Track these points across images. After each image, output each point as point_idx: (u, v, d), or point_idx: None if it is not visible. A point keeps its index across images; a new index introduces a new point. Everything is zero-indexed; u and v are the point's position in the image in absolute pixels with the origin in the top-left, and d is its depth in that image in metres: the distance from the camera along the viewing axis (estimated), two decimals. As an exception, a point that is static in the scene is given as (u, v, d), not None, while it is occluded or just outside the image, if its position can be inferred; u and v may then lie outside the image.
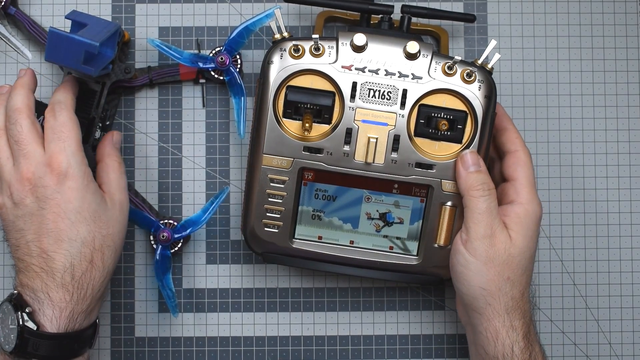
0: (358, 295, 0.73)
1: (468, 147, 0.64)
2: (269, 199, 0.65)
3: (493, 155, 0.68)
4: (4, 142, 0.63)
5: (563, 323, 0.73)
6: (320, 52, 0.64)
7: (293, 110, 0.64)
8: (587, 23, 0.74)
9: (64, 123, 0.62)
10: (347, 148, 0.64)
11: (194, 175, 0.73)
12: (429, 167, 0.64)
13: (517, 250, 0.62)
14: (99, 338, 0.72)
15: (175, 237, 0.70)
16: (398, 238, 0.66)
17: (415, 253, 0.66)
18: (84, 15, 0.67)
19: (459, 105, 0.64)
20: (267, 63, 0.64)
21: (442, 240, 0.65)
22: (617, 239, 0.73)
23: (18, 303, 0.60)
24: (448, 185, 0.64)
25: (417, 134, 0.64)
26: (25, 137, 0.62)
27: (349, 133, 0.64)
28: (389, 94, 0.64)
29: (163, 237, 0.69)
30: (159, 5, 0.73)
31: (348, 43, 0.64)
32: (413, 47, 0.63)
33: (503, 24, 0.73)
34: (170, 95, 0.73)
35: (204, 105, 0.73)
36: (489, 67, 0.65)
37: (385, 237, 0.67)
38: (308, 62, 0.64)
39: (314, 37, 0.63)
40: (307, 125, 0.62)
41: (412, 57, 0.63)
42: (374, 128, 0.64)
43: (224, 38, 0.73)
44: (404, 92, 0.64)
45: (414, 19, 0.70)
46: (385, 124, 0.64)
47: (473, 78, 0.64)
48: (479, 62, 0.65)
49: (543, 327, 0.73)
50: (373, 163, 0.64)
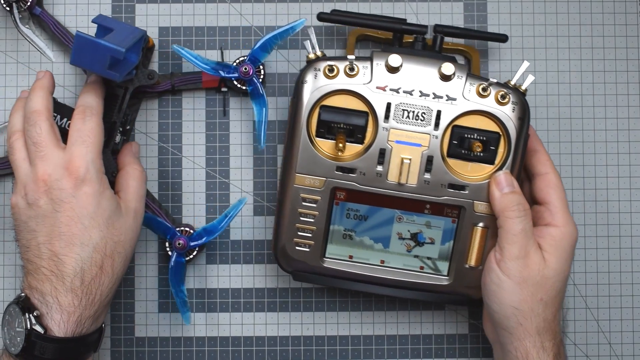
0: (358, 295, 0.73)
1: (501, 168, 0.64)
2: (301, 218, 0.65)
3: (521, 177, 0.68)
4: (22, 143, 0.63)
5: (563, 323, 0.72)
6: (355, 72, 0.64)
7: (326, 130, 0.65)
8: (587, 23, 0.74)
9: (92, 129, 0.62)
10: (380, 168, 0.64)
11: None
12: (462, 188, 0.64)
13: (551, 272, 0.62)
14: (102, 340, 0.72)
15: (191, 245, 0.70)
16: (429, 258, 0.66)
17: (446, 273, 0.66)
18: (110, 20, 0.67)
19: (492, 127, 0.64)
20: (301, 82, 0.64)
21: (473, 261, 0.65)
22: (617, 239, 0.73)
23: (26, 306, 0.60)
24: (480, 207, 0.64)
25: (449, 155, 0.65)
26: (44, 139, 0.62)
27: (382, 153, 0.64)
28: (423, 115, 0.64)
29: (179, 244, 0.69)
30: (159, 5, 0.74)
31: (383, 64, 0.64)
32: (448, 68, 0.63)
33: (503, 24, 0.73)
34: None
35: (225, 114, 0.73)
36: (523, 88, 0.65)
37: (416, 257, 0.67)
38: (342, 82, 0.64)
39: (350, 57, 0.63)
40: (340, 145, 0.63)
41: (446, 78, 0.63)
42: (408, 149, 0.64)
43: (224, 38, 0.73)
44: (438, 113, 0.64)
45: (446, 38, 0.70)
46: (419, 145, 0.64)
47: (507, 100, 0.64)
48: (512, 83, 0.65)
49: None
50: (406, 184, 0.64)
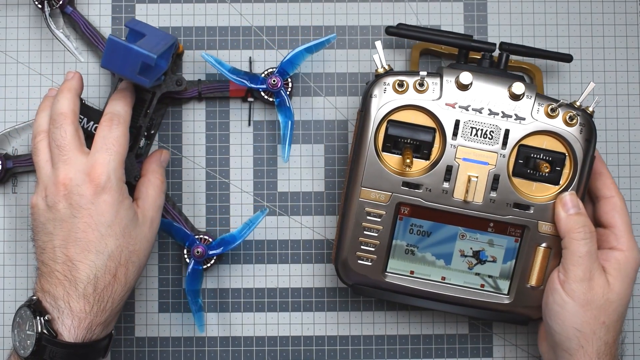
0: (358, 295, 0.73)
1: (566, 189, 0.64)
2: (365, 232, 0.65)
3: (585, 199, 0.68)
4: (45, 144, 0.63)
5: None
6: (425, 88, 0.64)
7: (392, 145, 0.65)
8: (587, 23, 0.74)
9: (117, 138, 0.62)
10: (446, 185, 0.64)
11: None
12: (527, 207, 0.64)
13: (614, 296, 0.62)
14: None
15: (209, 254, 0.70)
16: (490, 276, 0.66)
17: (507, 292, 0.66)
18: (143, 25, 0.67)
19: (559, 147, 0.64)
20: (369, 96, 0.64)
21: (534, 281, 0.65)
22: None
23: (37, 309, 0.60)
24: (544, 227, 0.65)
25: (514, 174, 0.65)
26: (68, 143, 0.62)
27: (449, 170, 0.64)
28: (491, 134, 0.64)
29: (197, 252, 0.69)
30: (159, 5, 0.73)
31: (453, 80, 0.64)
32: (519, 88, 0.63)
33: (503, 24, 0.73)
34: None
35: (250, 124, 0.73)
36: (590, 110, 0.65)
37: (477, 274, 0.67)
38: (411, 97, 0.64)
39: (422, 73, 0.63)
40: (408, 161, 0.62)
41: (516, 97, 0.63)
42: (475, 167, 0.64)
43: (224, 38, 0.73)
44: (506, 132, 0.64)
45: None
46: (486, 163, 0.64)
47: (575, 121, 0.64)
48: (578, 103, 0.65)
49: None
50: (472, 201, 0.64)
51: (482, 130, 0.64)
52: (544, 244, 0.65)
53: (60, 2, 0.70)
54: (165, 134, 0.73)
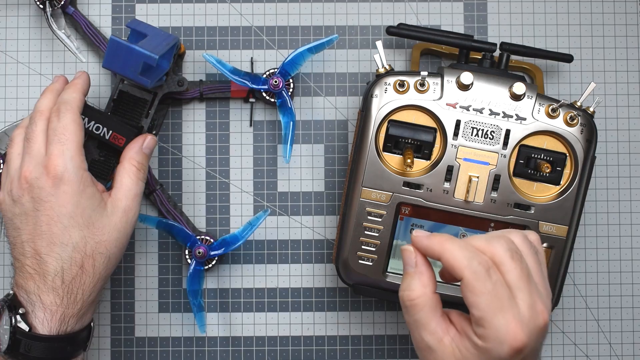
0: (358, 295, 0.73)
1: (567, 189, 0.64)
2: (365, 232, 0.65)
3: None
4: (21, 139, 0.63)
5: (563, 323, 0.73)
6: (425, 88, 0.64)
7: (393, 144, 0.65)
8: (587, 23, 0.74)
9: (66, 126, 0.61)
10: (447, 185, 0.64)
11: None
12: (527, 207, 0.64)
13: None
14: (99, 338, 0.72)
15: (211, 254, 0.69)
16: (491, 276, 0.66)
17: (507, 292, 0.66)
18: (145, 25, 0.67)
19: (560, 148, 0.64)
20: (370, 96, 0.64)
21: (534, 281, 0.65)
22: (617, 239, 0.73)
23: (12, 304, 0.60)
24: (545, 227, 0.65)
25: (515, 174, 0.65)
26: (35, 136, 0.61)
27: (450, 170, 0.64)
28: (492, 134, 0.64)
29: (199, 253, 0.69)
30: (159, 5, 0.73)
31: (454, 80, 0.64)
32: (520, 88, 0.63)
33: (503, 24, 0.73)
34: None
35: (251, 125, 0.73)
36: (591, 110, 0.65)
37: (478, 274, 0.66)
38: (412, 97, 0.64)
39: (423, 73, 0.63)
40: (409, 161, 0.62)
41: (517, 98, 0.63)
42: (476, 167, 0.64)
43: (224, 38, 0.73)
44: (507, 132, 0.64)
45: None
46: (487, 163, 0.64)
47: (576, 121, 0.64)
48: (578, 104, 0.65)
49: None
50: (473, 202, 0.64)
51: (483, 131, 0.64)
52: (545, 244, 0.65)
53: (62, 2, 0.70)
54: (166, 134, 0.73)
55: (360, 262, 0.66)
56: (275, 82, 0.69)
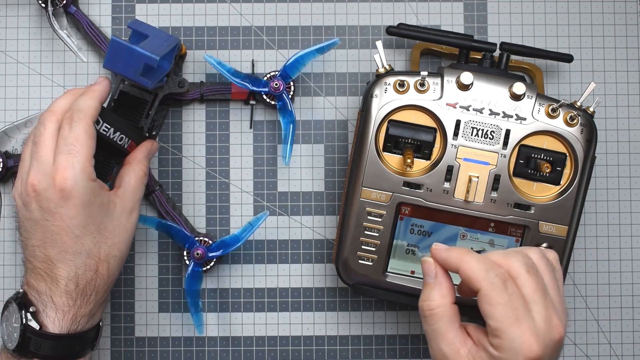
0: (358, 295, 0.73)
1: (567, 189, 0.64)
2: (365, 232, 0.65)
3: None
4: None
5: None
6: (425, 88, 0.64)
7: (393, 144, 0.65)
8: (587, 23, 0.74)
9: (78, 136, 0.59)
10: (447, 185, 0.64)
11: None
12: (527, 207, 0.64)
13: None
14: (99, 338, 0.71)
15: (209, 256, 0.69)
16: (491, 276, 0.66)
17: (507, 292, 0.66)
18: (146, 26, 0.67)
19: (559, 148, 0.64)
20: (370, 96, 0.64)
21: (534, 281, 0.65)
22: (617, 239, 0.73)
23: (23, 302, 0.60)
24: (545, 227, 0.65)
25: (515, 174, 0.65)
26: (42, 140, 0.60)
27: (450, 170, 0.64)
28: (492, 134, 0.64)
29: (197, 254, 0.69)
30: (159, 5, 0.73)
31: (454, 80, 0.64)
32: (520, 88, 0.63)
33: (503, 24, 0.73)
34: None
35: (251, 127, 0.73)
36: (591, 110, 0.65)
37: (478, 274, 0.67)
38: (412, 97, 0.64)
39: (423, 73, 0.63)
40: (409, 161, 0.62)
41: (517, 98, 0.63)
42: (476, 167, 0.64)
43: (224, 38, 0.73)
44: (507, 132, 0.64)
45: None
46: (487, 163, 0.64)
47: (576, 121, 0.64)
48: (578, 103, 0.65)
49: None
50: (473, 201, 0.64)
51: (483, 131, 0.64)
52: (545, 244, 0.65)
53: (64, 1, 0.70)
54: (166, 134, 0.73)
55: (360, 262, 0.66)
56: (276, 84, 0.69)
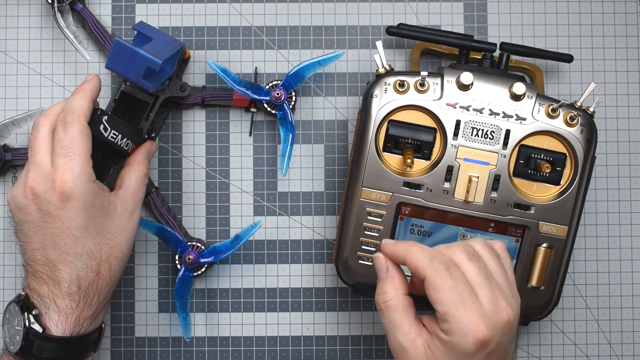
0: (358, 296, 0.73)
1: (567, 189, 0.64)
2: (365, 232, 0.65)
3: None
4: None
5: (563, 323, 0.73)
6: (425, 88, 0.64)
7: (393, 144, 0.65)
8: (587, 23, 0.74)
9: (74, 138, 0.59)
10: (447, 185, 0.64)
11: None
12: (527, 207, 0.64)
13: None
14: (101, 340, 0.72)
15: (201, 261, 0.69)
16: (491, 276, 0.67)
17: (507, 292, 0.66)
18: (150, 29, 0.67)
19: (559, 148, 0.64)
20: (370, 96, 0.64)
21: (535, 281, 0.65)
22: (617, 239, 0.73)
23: (25, 305, 0.59)
24: (545, 227, 0.65)
25: (515, 174, 0.65)
26: (37, 144, 0.60)
27: (450, 170, 0.64)
28: (492, 134, 0.64)
29: (189, 259, 0.69)
30: (159, 5, 0.73)
31: (454, 81, 0.64)
32: (520, 88, 0.63)
33: (503, 24, 0.73)
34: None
35: (251, 134, 0.73)
36: (591, 110, 0.65)
37: (478, 274, 0.67)
38: (412, 97, 0.64)
39: (423, 73, 0.63)
40: (409, 161, 0.62)
41: (517, 98, 0.63)
42: (476, 167, 0.64)
43: (224, 39, 0.73)
44: (507, 132, 0.64)
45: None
46: (487, 163, 0.64)
47: (576, 121, 0.64)
48: (578, 103, 0.65)
49: (543, 327, 0.73)
50: (473, 202, 0.64)
51: (483, 131, 0.64)
52: (545, 245, 0.65)
53: None
54: (166, 134, 0.73)
55: (360, 262, 0.66)
56: (278, 94, 0.69)
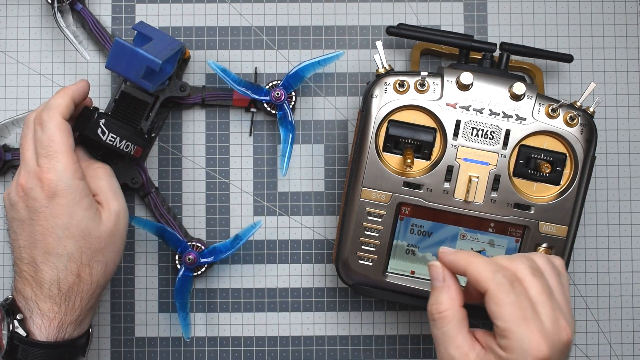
0: (358, 296, 0.73)
1: (567, 189, 0.64)
2: (365, 232, 0.65)
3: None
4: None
5: None
6: (425, 88, 0.64)
7: (393, 145, 0.65)
8: (587, 23, 0.74)
9: (52, 136, 0.59)
10: (447, 185, 0.64)
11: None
12: (527, 207, 0.64)
13: None
14: (99, 338, 0.72)
15: (201, 261, 0.69)
16: (491, 276, 0.66)
17: (507, 292, 0.66)
18: (150, 29, 0.67)
19: (559, 148, 0.64)
20: (370, 96, 0.64)
21: (534, 281, 0.65)
22: (617, 239, 0.73)
23: (10, 309, 0.60)
24: (545, 227, 0.65)
25: (515, 174, 0.65)
26: (25, 143, 0.60)
27: (450, 170, 0.64)
28: (492, 134, 0.64)
29: (189, 259, 0.69)
30: (159, 5, 0.73)
31: (454, 81, 0.64)
32: (520, 88, 0.63)
33: (503, 24, 0.73)
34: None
35: (251, 134, 0.73)
36: (591, 110, 0.65)
37: (478, 275, 0.67)
38: (412, 97, 0.64)
39: (423, 74, 0.63)
40: (409, 161, 0.62)
41: (517, 98, 0.63)
42: (476, 167, 0.64)
43: (224, 39, 0.73)
44: (507, 132, 0.64)
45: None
46: (487, 164, 0.64)
47: (576, 121, 0.64)
48: (578, 103, 0.65)
49: None
50: (473, 202, 0.64)
51: (483, 131, 0.64)
52: (545, 244, 0.65)
53: None
54: (166, 134, 0.73)
55: (360, 262, 0.66)
56: (277, 94, 0.69)
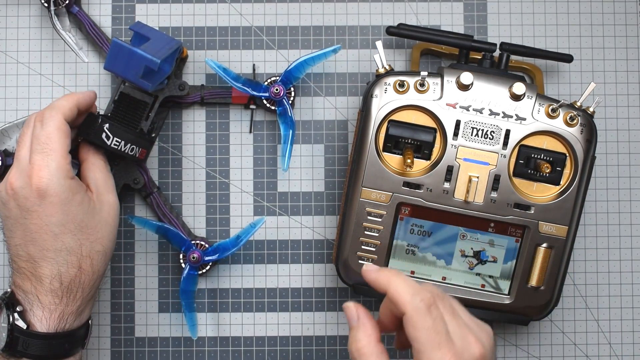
0: (358, 295, 0.72)
1: (567, 189, 0.64)
2: (365, 232, 0.65)
3: None
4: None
5: (563, 323, 0.73)
6: (425, 88, 0.64)
7: (393, 145, 0.65)
8: (587, 23, 0.74)
9: (50, 134, 0.59)
10: (447, 185, 0.64)
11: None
12: (527, 207, 0.64)
13: None
14: (99, 338, 0.72)
15: (205, 260, 0.69)
16: (491, 277, 0.67)
17: (507, 292, 0.66)
18: (147, 28, 0.67)
19: (559, 148, 0.64)
20: (370, 96, 0.64)
21: (534, 281, 0.65)
22: (617, 239, 0.73)
23: (10, 302, 0.60)
24: (545, 227, 0.65)
25: (515, 174, 0.65)
26: (23, 140, 0.60)
27: (450, 170, 0.64)
28: (492, 134, 0.64)
29: (193, 258, 0.69)
30: (159, 5, 0.73)
31: (453, 81, 0.64)
32: (519, 88, 0.63)
33: (503, 24, 0.73)
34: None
35: (251, 131, 0.73)
36: (591, 110, 0.65)
37: (478, 275, 0.67)
38: (412, 97, 0.64)
39: (423, 74, 0.63)
40: (409, 161, 0.63)
41: (517, 98, 0.63)
42: (475, 167, 0.64)
43: (224, 39, 0.73)
44: (507, 132, 0.64)
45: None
46: (487, 164, 0.64)
47: (576, 121, 0.64)
48: (578, 104, 0.65)
49: (543, 327, 0.73)
50: (472, 202, 0.64)
51: (482, 131, 0.64)
52: (545, 245, 0.65)
53: (67, 1, 0.70)
54: (166, 134, 0.73)
55: (360, 262, 0.66)
56: (277, 90, 0.69)
